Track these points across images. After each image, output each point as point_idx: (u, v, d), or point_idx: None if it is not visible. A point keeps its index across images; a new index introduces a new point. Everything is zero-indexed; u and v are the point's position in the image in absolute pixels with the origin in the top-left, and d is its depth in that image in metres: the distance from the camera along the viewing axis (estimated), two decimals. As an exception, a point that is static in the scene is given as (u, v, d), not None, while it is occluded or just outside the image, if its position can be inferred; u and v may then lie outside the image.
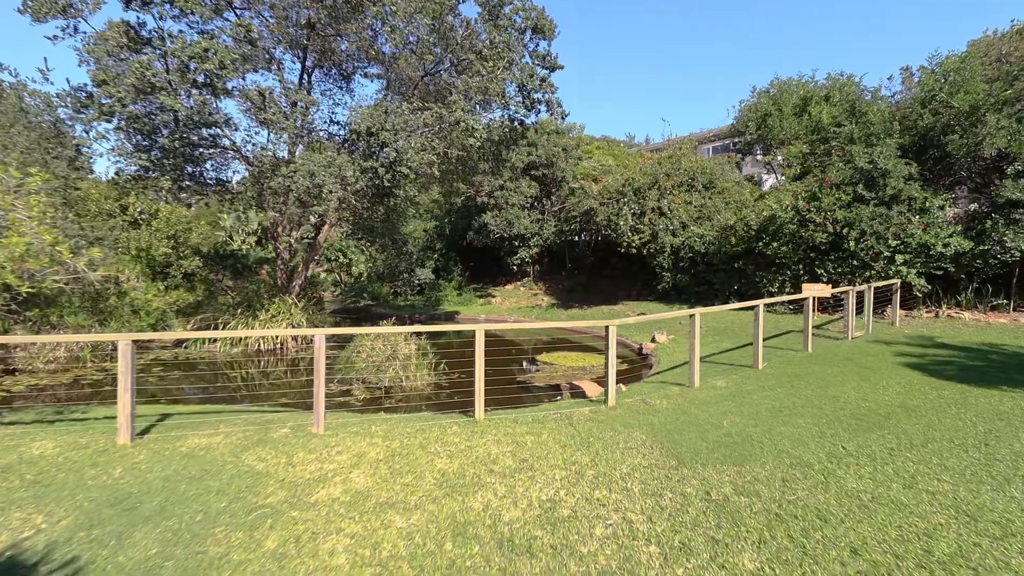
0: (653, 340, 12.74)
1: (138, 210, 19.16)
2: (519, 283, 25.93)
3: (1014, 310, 13.30)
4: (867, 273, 13.49)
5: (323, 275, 33.39)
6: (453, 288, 26.28)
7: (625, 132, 36.77)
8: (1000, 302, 13.24)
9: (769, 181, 21.47)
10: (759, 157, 24.95)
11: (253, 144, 10.89)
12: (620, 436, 5.27)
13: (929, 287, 13.11)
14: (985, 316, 13.04)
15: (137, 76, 8.60)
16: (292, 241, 15.91)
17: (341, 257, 29.54)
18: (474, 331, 6.03)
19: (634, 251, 17.22)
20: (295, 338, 13.93)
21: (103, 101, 9.17)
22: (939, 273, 13.14)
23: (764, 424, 5.67)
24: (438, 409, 8.44)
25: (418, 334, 11.11)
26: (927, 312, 13.63)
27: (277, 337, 13.55)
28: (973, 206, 13.97)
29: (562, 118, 11.64)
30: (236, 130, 10.68)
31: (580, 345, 15.36)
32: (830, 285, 13.76)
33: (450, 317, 22.29)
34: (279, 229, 15.22)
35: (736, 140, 21.86)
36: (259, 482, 4.15)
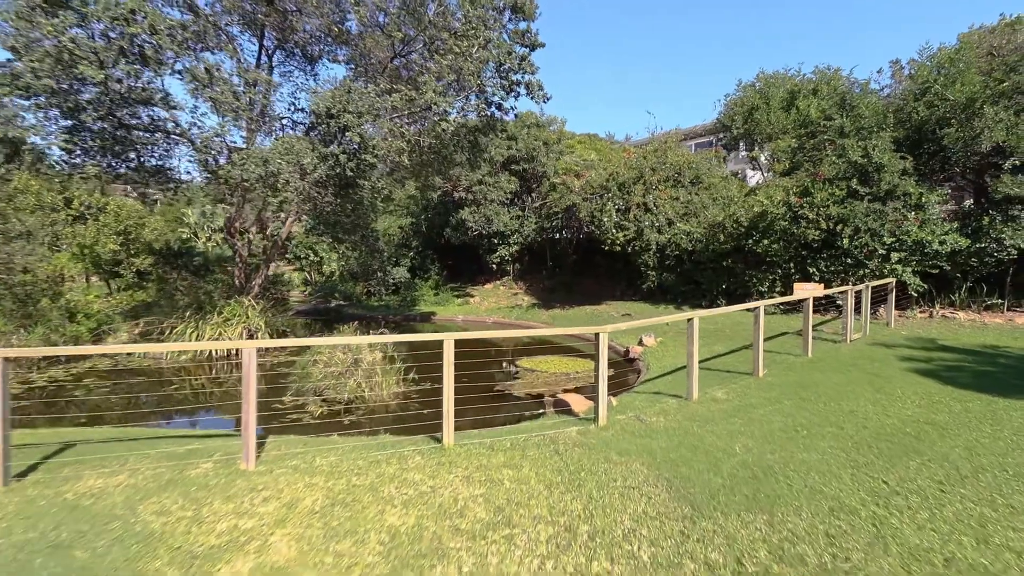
0: (640, 343, 11.94)
1: (84, 203, 17.59)
2: (499, 282, 24.96)
3: (1008, 310, 12.88)
4: (861, 272, 12.91)
5: (293, 274, 32.02)
6: (430, 287, 25.17)
7: (606, 131, 35.97)
8: (994, 302, 12.81)
9: (755, 178, 20.94)
10: (743, 154, 24.48)
11: (200, 127, 9.68)
12: (616, 469, 4.37)
13: (924, 286, 12.59)
14: (980, 316, 12.58)
15: (52, 42, 7.37)
16: (251, 237, 14.68)
17: (311, 255, 28.16)
18: (442, 341, 5.06)
19: (618, 249, 16.43)
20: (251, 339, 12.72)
21: (16, 73, 7.90)
22: (935, 272, 12.63)
23: (782, 449, 4.83)
24: (403, 430, 7.43)
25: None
26: (921, 312, 13.14)
27: (232, 339, 12.32)
28: (968, 202, 13.52)
29: (544, 101, 10.74)
30: (177, 110, 9.47)
31: (563, 347, 14.51)
32: (822, 284, 13.15)
33: (426, 318, 21.22)
34: (236, 224, 13.98)
35: (721, 136, 21.28)
36: (147, 551, 3.12)
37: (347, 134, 8.35)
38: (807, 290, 13.18)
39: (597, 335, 5.58)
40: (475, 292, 24.29)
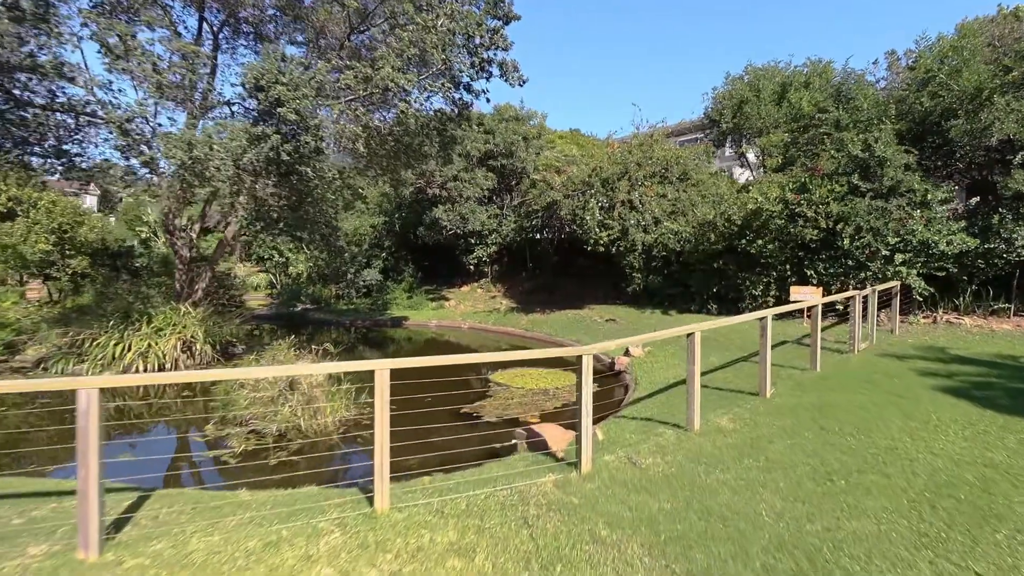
0: (627, 353, 10.78)
1: (13, 199, 15.78)
2: (476, 284, 23.68)
3: (1015, 314, 12.07)
4: (862, 274, 11.98)
5: (258, 276, 30.24)
6: (403, 290, 23.71)
7: (589, 131, 34.66)
8: (1000, 306, 11.97)
9: (744, 175, 20.06)
10: (728, 152, 23.61)
11: (114, 104, 8.18)
12: (607, 557, 3.14)
13: (930, 290, 11.69)
14: (987, 322, 11.74)
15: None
16: (194, 236, 13.14)
17: (276, 256, 26.46)
18: (375, 371, 3.79)
19: (602, 249, 15.31)
20: (189, 353, 11.24)
21: None
22: (940, 274, 11.74)
23: (822, 512, 3.67)
24: (339, 473, 6.15)
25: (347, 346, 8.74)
26: (924, 317, 12.25)
27: (165, 355, 10.81)
28: (975, 200, 12.70)
29: (519, 84, 9.51)
30: (75, 83, 7.96)
31: (542, 356, 13.30)
32: (820, 288, 12.19)
33: (397, 323, 19.84)
34: (176, 220, 12.43)
35: (709, 131, 20.33)
36: None
37: (280, 110, 7.00)
38: (803, 293, 12.22)
39: (580, 358, 4.35)
40: (451, 295, 22.96)
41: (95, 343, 10.43)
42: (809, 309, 11.93)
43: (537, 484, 4.31)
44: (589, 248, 15.51)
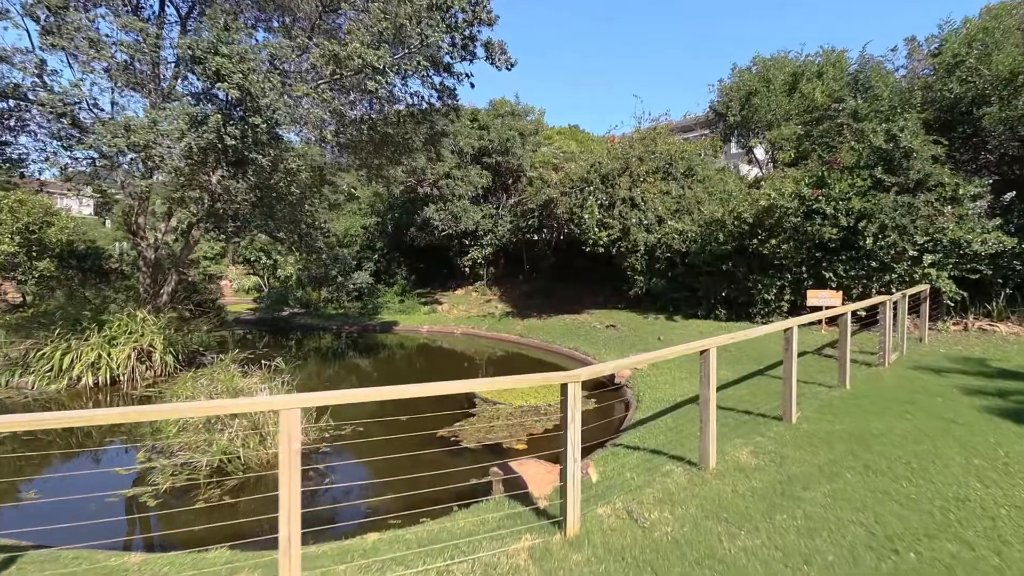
0: (628, 365, 9.73)
1: (-27, 197, 14.82)
2: (471, 288, 22.66)
3: (1053, 321, 10.99)
4: (887, 277, 10.92)
5: (249, 280, 29.32)
6: (395, 293, 22.74)
7: (588, 128, 33.37)
8: (1038, 312, 10.89)
9: (753, 172, 19.01)
10: (734, 149, 22.55)
11: (45, 85, 7.20)
12: None
13: (962, 294, 10.62)
14: (1023, 329, 10.67)
15: None
16: (159, 236, 12.15)
17: (264, 258, 25.48)
18: (280, 411, 2.77)
19: (601, 250, 14.28)
20: (146, 364, 10.25)
21: None
22: (973, 277, 10.67)
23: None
24: (269, 527, 5.12)
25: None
26: (954, 324, 11.16)
27: (120, 365, 9.82)
28: (1009, 195, 11.62)
29: (507, 67, 8.49)
30: (10, 63, 7.00)
31: (535, 365, 12.25)
32: (840, 292, 11.14)
33: (387, 328, 18.86)
34: (139, 219, 11.45)
35: (714, 127, 19.28)
36: None
37: (220, 85, 6.02)
38: (821, 298, 11.16)
39: (565, 387, 3.32)
40: (444, 299, 21.96)
41: (39, 353, 9.45)
42: (834, 318, 10.90)
43: (508, 553, 3.29)
44: (588, 249, 14.49)
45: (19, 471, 6.05)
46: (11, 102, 7.60)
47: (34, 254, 15.40)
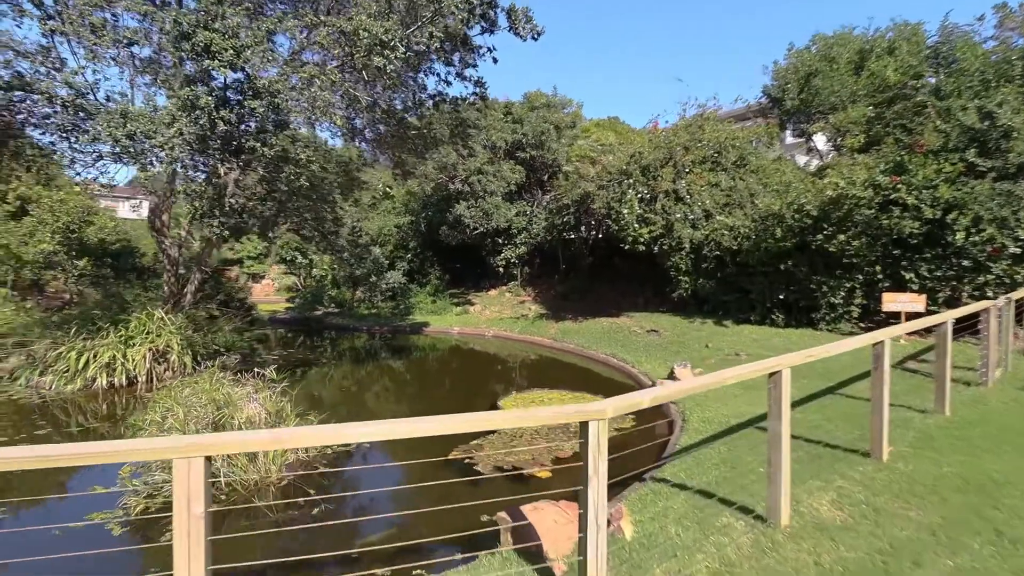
0: (672, 375, 8.64)
1: (18, 196, 15.19)
2: (504, 288, 21.85)
3: None
4: (981, 278, 9.34)
5: (288, 279, 29.58)
6: (428, 294, 22.24)
7: (630, 121, 31.13)
8: None
9: (814, 163, 17.27)
10: (789, 139, 20.73)
11: (49, 74, 6.85)
12: None
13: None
14: None
15: None
16: (183, 233, 11.92)
17: (299, 257, 25.52)
18: (175, 461, 1.98)
19: (642, 248, 13.12)
20: (162, 363, 9.93)
21: None
22: (1091, 278, 8.96)
23: None
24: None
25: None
26: (1061, 334, 9.42)
27: (136, 365, 9.53)
28: None
29: (533, 36, 7.56)
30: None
31: (567, 372, 11.28)
32: (923, 296, 9.60)
33: (417, 329, 18.34)
34: (163, 217, 11.22)
35: (769, 113, 17.67)
36: None
37: (209, 62, 5.42)
38: (902, 302, 9.66)
39: (585, 426, 2.39)
40: (477, 299, 21.24)
41: (56, 353, 9.26)
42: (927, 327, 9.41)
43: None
44: (627, 247, 13.37)
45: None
46: (17, 94, 7.31)
47: (74, 253, 15.66)
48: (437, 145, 11.65)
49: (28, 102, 7.28)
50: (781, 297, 11.58)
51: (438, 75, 8.70)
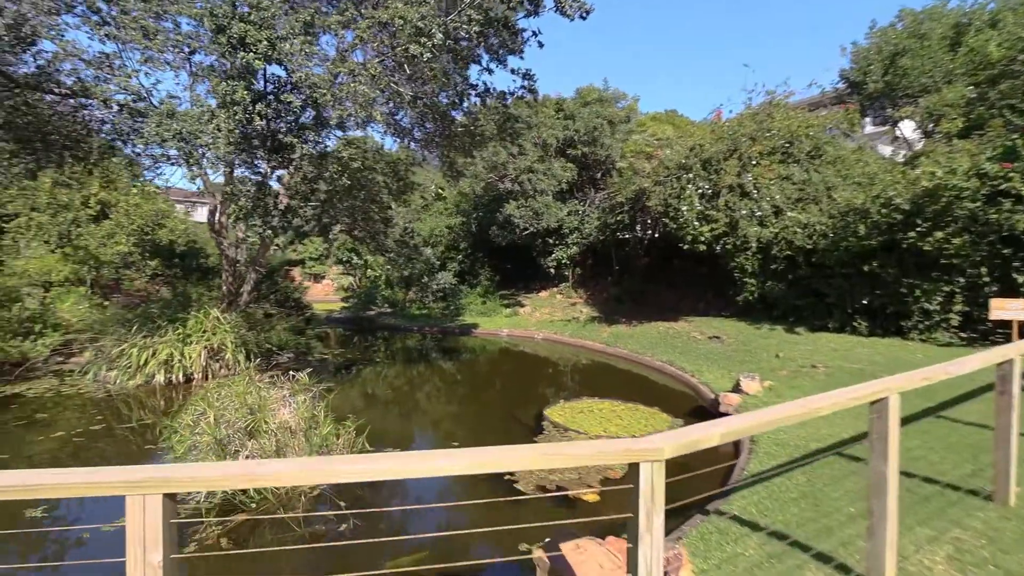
0: (737, 388, 7.82)
1: (99, 200, 16.27)
2: (556, 290, 21.32)
3: None
4: (1119, 281, 7.86)
5: (343, 278, 30.40)
6: (478, 295, 22.09)
7: (689, 114, 28.84)
8: None
9: (901, 154, 15.58)
10: (868, 127, 18.88)
11: (106, 79, 7.06)
12: None
13: None
14: None
15: None
16: (240, 234, 12.23)
17: (354, 258, 26.10)
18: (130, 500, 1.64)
19: (703, 248, 12.20)
20: (217, 361, 10.15)
21: None
22: None
23: None
24: None
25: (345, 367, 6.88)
26: None
27: (192, 363, 9.79)
28: None
29: (581, 15, 6.99)
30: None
31: (619, 379, 10.60)
32: (1042, 300, 8.21)
33: (466, 331, 18.12)
34: (221, 218, 11.55)
35: (849, 98, 16.11)
36: None
37: (243, 55, 5.29)
38: (1014, 309, 8.32)
39: (637, 468, 1.87)
40: (527, 301, 20.82)
41: (119, 350, 9.67)
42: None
43: None
44: (686, 247, 12.48)
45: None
46: (77, 100, 7.60)
47: (147, 254, 16.60)
48: (485, 143, 11.30)
49: (88, 108, 7.57)
50: (865, 302, 10.34)
51: (479, 62, 8.30)
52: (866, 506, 4.02)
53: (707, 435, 2.07)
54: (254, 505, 4.69)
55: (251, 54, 5.37)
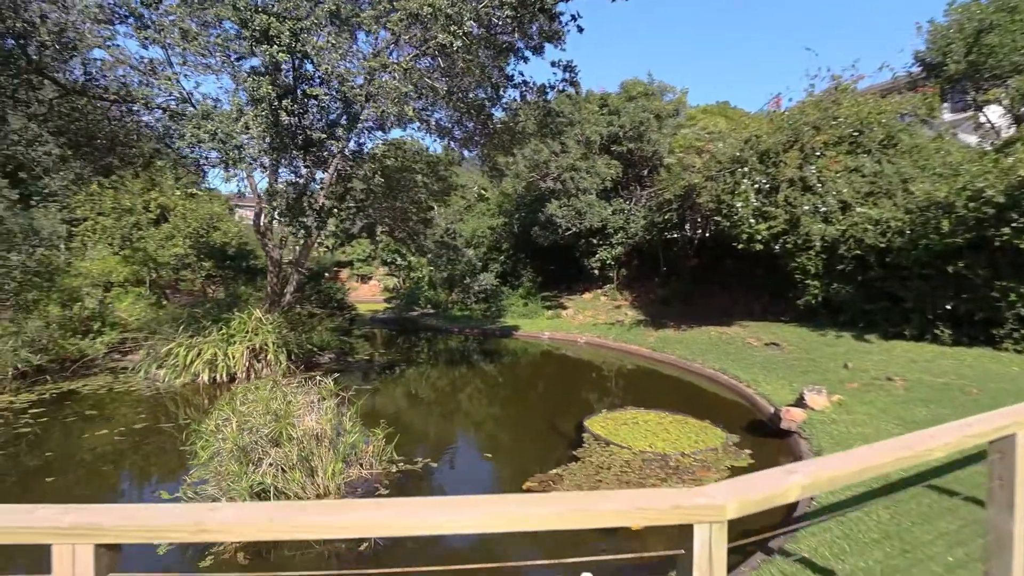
0: (800, 402, 7.06)
1: (159, 205, 17.04)
2: (600, 291, 20.66)
3: None
4: None
5: (389, 279, 30.81)
6: (520, 296, 21.75)
7: (742, 106, 26.64)
8: None
9: (987, 143, 14.03)
10: (946, 117, 17.17)
11: (149, 84, 7.17)
12: None
13: None
14: None
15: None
16: (285, 235, 12.40)
17: (398, 259, 26.33)
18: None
19: (759, 247, 11.32)
20: (260, 361, 10.26)
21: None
22: None
23: None
24: None
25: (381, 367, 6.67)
26: None
27: (235, 362, 9.93)
28: None
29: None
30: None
31: (667, 388, 9.95)
32: None
33: (507, 333, 17.80)
34: (264, 219, 11.73)
35: (922, 86, 14.66)
36: None
37: (265, 48, 5.12)
38: None
39: (689, 531, 1.42)
40: (570, 303, 20.27)
41: (167, 349, 9.92)
42: None
43: None
44: (741, 246, 11.62)
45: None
46: (124, 105, 7.78)
47: (202, 255, 17.25)
48: (525, 140, 10.92)
49: (137, 113, 7.75)
50: (949, 307, 9.23)
51: (517, 53, 7.90)
52: (967, 552, 3.35)
53: (782, 488, 1.59)
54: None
55: (275, 47, 5.24)
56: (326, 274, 23.51)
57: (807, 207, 10.61)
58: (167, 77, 6.84)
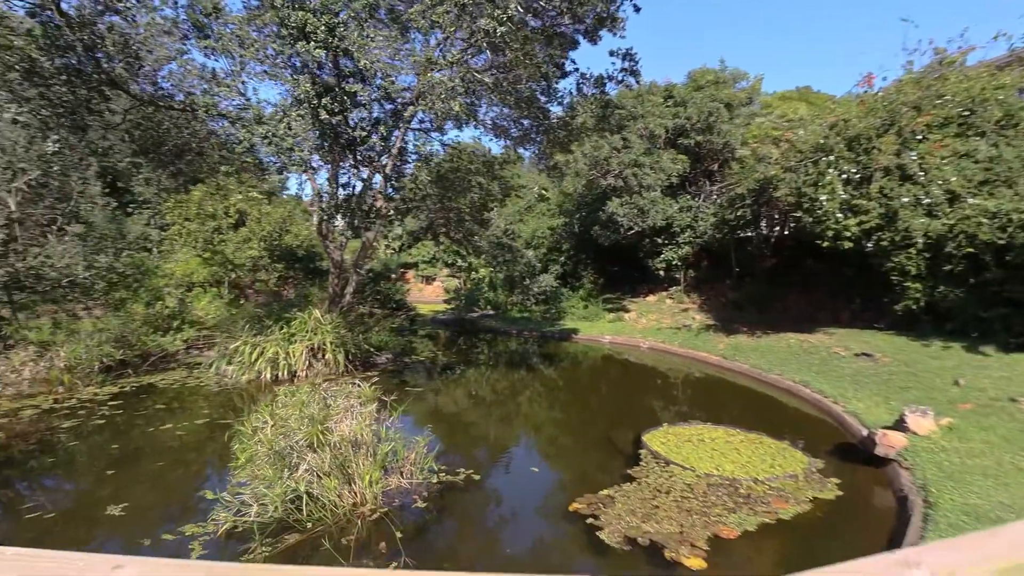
0: (900, 424, 6.07)
1: (237, 210, 18.11)
2: (665, 294, 19.61)
3: None
4: None
5: (451, 281, 31.19)
6: (580, 298, 21.14)
7: (825, 90, 23.92)
8: None
9: None
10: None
11: (212, 92, 7.41)
12: None
13: None
14: None
15: None
16: (346, 239, 12.65)
17: (459, 260, 26.51)
18: None
19: (848, 245, 10.08)
20: (319, 359, 10.46)
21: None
22: None
23: None
24: None
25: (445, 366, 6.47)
26: None
27: (296, 361, 10.18)
28: None
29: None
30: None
31: (739, 401, 9.05)
32: None
33: (566, 336, 17.28)
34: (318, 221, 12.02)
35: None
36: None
37: (303, 44, 5.01)
38: None
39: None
40: (633, 306, 19.40)
41: (234, 347, 10.34)
42: None
43: None
44: (826, 244, 10.42)
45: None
46: (189, 113, 8.12)
47: (275, 257, 18.14)
48: (583, 135, 10.41)
49: (202, 122, 8.08)
50: (1091, 314, 7.71)
51: (564, 38, 7.42)
52: None
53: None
54: (309, 525, 4.36)
55: (312, 43, 5.17)
56: (392, 275, 24.12)
57: (906, 199, 9.30)
58: (226, 85, 7.06)
